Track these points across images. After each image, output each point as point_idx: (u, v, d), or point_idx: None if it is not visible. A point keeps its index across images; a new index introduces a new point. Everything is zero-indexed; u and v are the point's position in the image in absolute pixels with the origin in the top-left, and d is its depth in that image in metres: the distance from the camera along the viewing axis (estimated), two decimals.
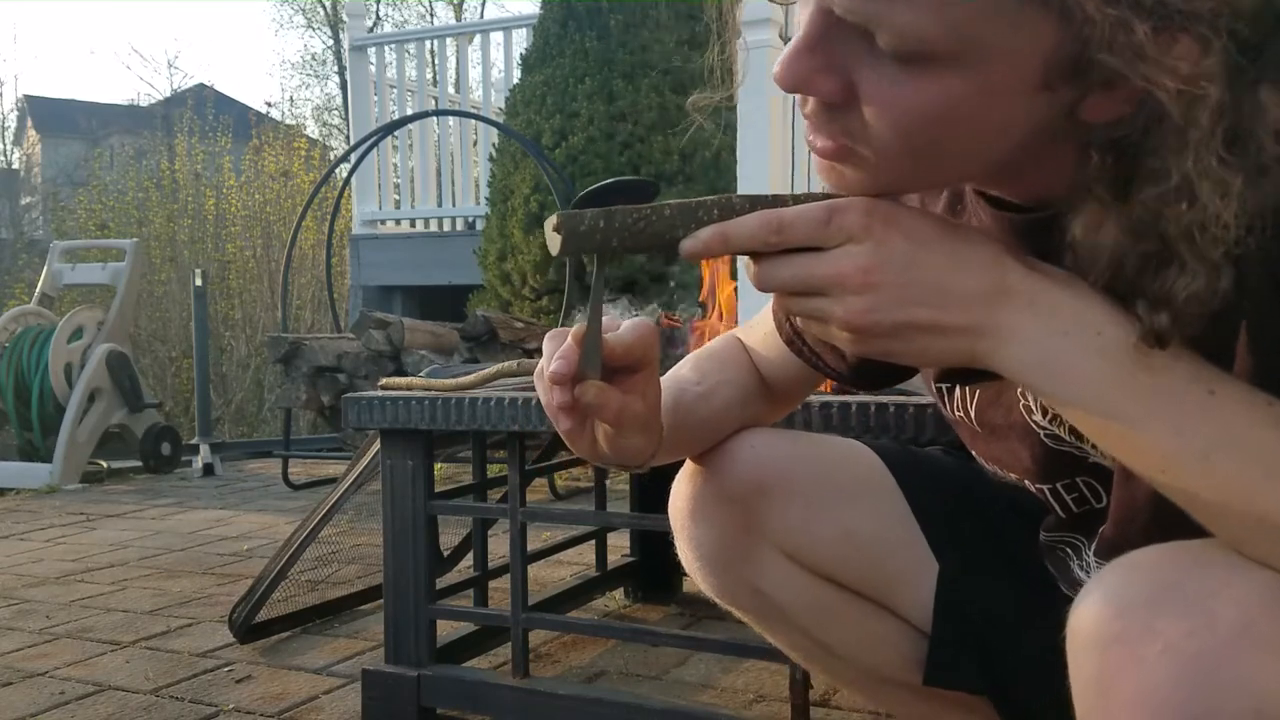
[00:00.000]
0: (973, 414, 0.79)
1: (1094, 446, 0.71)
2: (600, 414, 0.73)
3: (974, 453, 0.85)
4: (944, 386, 0.81)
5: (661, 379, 0.81)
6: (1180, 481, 0.57)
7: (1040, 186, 0.65)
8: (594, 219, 0.66)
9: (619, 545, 2.35)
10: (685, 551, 0.97)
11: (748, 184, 2.96)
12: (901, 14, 0.55)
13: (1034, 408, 0.74)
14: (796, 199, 0.65)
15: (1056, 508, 0.80)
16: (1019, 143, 0.61)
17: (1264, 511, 0.54)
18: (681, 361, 0.97)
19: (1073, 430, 0.71)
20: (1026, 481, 0.80)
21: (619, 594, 2.30)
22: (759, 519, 0.92)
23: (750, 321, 1.00)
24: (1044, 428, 0.74)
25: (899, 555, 0.93)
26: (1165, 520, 0.59)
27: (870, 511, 0.94)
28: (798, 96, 0.64)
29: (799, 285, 0.63)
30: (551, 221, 0.66)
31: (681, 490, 0.96)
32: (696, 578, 0.98)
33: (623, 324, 0.75)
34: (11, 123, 22.85)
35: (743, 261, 0.68)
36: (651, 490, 0.97)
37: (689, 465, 0.96)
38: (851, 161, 0.63)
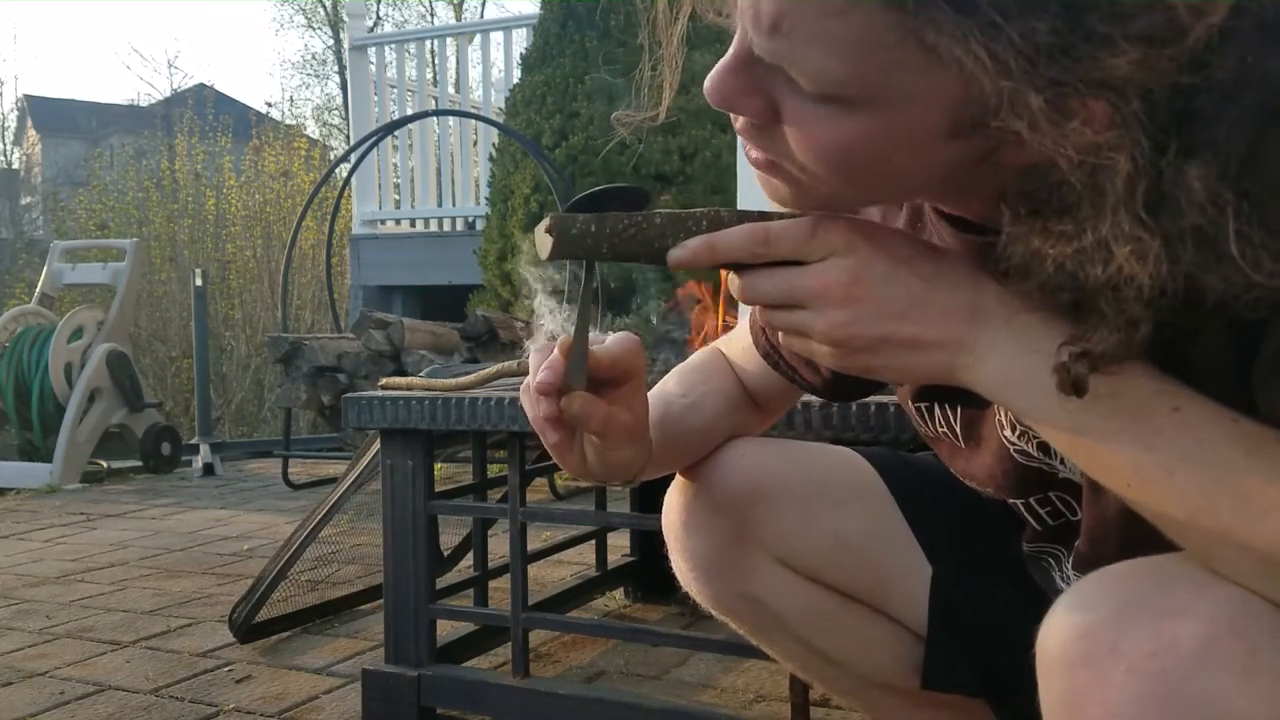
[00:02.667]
0: (958, 429, 0.80)
1: (1062, 462, 0.72)
2: (586, 425, 0.74)
3: (952, 469, 0.85)
4: (922, 406, 0.82)
5: (648, 394, 0.82)
6: (1146, 495, 0.58)
7: (989, 207, 0.65)
8: (585, 223, 0.67)
9: (619, 545, 2.35)
10: (679, 563, 0.98)
11: (748, 185, 2.96)
12: (812, 58, 0.56)
13: (1005, 423, 0.74)
14: (781, 215, 0.66)
15: (1032, 521, 0.80)
16: (941, 178, 0.62)
17: (1227, 525, 0.54)
18: (665, 377, 0.98)
19: (1040, 446, 0.72)
20: (1001, 496, 0.80)
21: (619, 594, 2.30)
22: (752, 526, 0.92)
23: (729, 335, 1.01)
24: (1013, 443, 0.74)
25: (893, 559, 0.94)
26: (1138, 536, 0.60)
27: (862, 516, 0.94)
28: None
29: (782, 297, 0.65)
30: (544, 224, 0.67)
31: (673, 502, 0.96)
32: (691, 588, 0.98)
33: (608, 337, 0.76)
34: (11, 123, 22.86)
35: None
36: (651, 490, 0.98)
37: (680, 477, 0.96)
38: (781, 176, 0.64)
